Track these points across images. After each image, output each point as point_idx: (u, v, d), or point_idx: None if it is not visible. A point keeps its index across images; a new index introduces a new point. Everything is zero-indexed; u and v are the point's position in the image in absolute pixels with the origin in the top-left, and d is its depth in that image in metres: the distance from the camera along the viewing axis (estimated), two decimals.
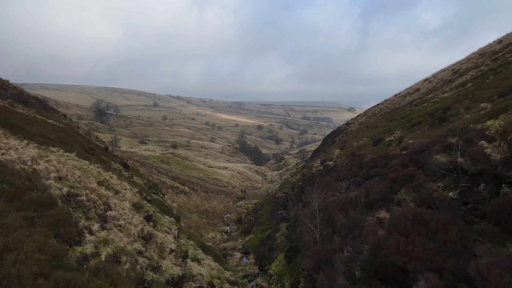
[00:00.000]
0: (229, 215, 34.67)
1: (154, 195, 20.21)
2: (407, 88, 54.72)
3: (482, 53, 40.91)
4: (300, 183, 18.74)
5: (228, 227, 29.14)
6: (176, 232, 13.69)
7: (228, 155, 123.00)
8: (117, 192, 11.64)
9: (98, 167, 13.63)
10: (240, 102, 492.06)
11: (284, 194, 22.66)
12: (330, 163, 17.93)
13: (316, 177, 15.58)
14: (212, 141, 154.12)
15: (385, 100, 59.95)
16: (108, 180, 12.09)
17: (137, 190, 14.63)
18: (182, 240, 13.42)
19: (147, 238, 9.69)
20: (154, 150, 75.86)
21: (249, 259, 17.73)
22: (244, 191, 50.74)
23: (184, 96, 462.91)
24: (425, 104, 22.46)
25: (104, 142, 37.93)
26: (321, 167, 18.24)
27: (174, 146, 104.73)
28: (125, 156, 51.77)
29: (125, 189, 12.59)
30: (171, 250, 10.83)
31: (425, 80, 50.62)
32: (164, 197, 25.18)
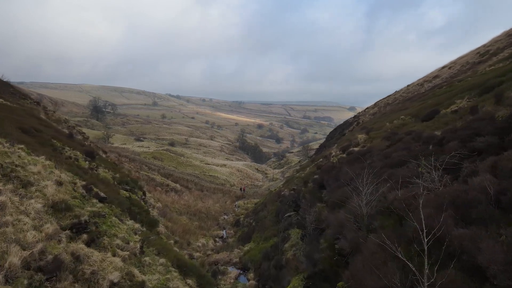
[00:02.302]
0: (225, 217, 30.05)
1: (125, 192, 15.62)
2: (422, 77, 50.25)
3: (511, 34, 36.47)
4: (316, 176, 14.14)
5: (223, 231, 24.52)
6: (138, 245, 9.09)
7: (227, 153, 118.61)
8: (26, 185, 7.03)
9: (19, 148, 9.03)
10: (241, 101, 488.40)
11: (292, 192, 18.05)
12: (356, 148, 13.42)
13: (343, 166, 11.03)
14: (212, 139, 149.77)
15: (396, 92, 55.64)
16: (18, 166, 7.49)
17: (84, 183, 10.03)
18: (146, 259, 8.85)
19: (51, 269, 5.07)
20: (148, 147, 71.25)
21: (248, 278, 13.14)
22: (244, 190, 46.13)
23: (184, 95, 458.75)
24: (469, 79, 17.94)
25: (84, 134, 33.35)
26: (344, 155, 13.69)
27: (172, 144, 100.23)
28: (114, 151, 47.25)
29: (51, 181, 7.99)
30: (112, 284, 6.23)
31: (443, 67, 46.05)
32: (144, 195, 20.59)
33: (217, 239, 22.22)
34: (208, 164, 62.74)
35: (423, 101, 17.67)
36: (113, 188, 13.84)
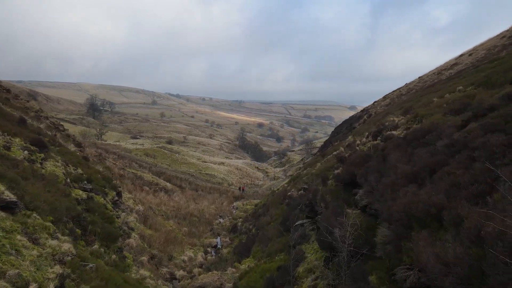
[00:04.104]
0: (221, 220, 26.15)
1: (82, 192, 11.75)
2: (436, 68, 46.37)
3: None
4: (338, 171, 10.27)
5: (217, 239, 20.61)
6: (52, 286, 5.21)
7: (227, 152, 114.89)
8: None
9: None
10: (241, 100, 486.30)
11: (303, 192, 14.17)
12: (396, 132, 9.55)
13: (390, 153, 7.18)
14: (211, 138, 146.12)
15: (407, 84, 51.83)
16: None
17: None
18: None
19: None
20: (142, 144, 67.33)
21: None
22: (243, 189, 42.22)
23: (184, 94, 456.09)
24: None
25: (61, 126, 29.48)
26: (378, 141, 9.81)
27: (170, 142, 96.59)
28: (102, 147, 43.46)
29: None
30: None
31: (461, 55, 42.09)
32: (119, 196, 16.70)
33: (209, 249, 18.31)
34: (205, 162, 58.82)
35: (471, 76, 13.82)
36: (57, 188, 9.96)
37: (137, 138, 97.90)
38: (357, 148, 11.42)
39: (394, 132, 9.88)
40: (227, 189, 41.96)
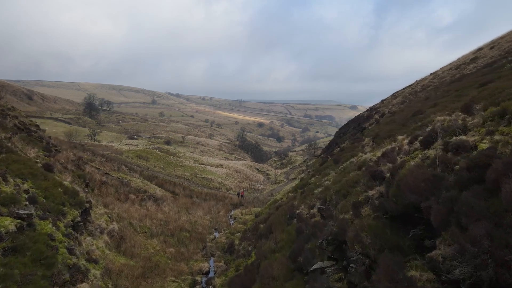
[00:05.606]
0: (216, 235, 22.75)
1: (12, 221, 8.39)
2: (451, 63, 42.98)
3: None
4: (371, 191, 6.93)
5: (210, 262, 17.23)
6: None
7: (226, 152, 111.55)
8: None
9: None
10: (241, 100, 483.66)
11: (318, 213, 10.82)
12: (470, 138, 6.17)
13: (501, 178, 3.96)
14: (210, 138, 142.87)
15: (418, 81, 48.45)
16: None
17: None
18: None
19: None
20: (137, 145, 63.93)
21: None
22: (242, 195, 38.78)
23: (184, 94, 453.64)
24: None
25: (38, 127, 26.26)
26: (438, 151, 6.44)
27: (167, 143, 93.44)
28: (89, 149, 40.17)
29: None
30: None
31: (479, 49, 38.67)
32: (85, 214, 13.37)
33: (198, 277, 14.93)
34: (203, 164, 55.35)
35: None
36: None
37: (134, 139, 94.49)
38: (398, 158, 8.07)
39: (464, 137, 6.54)
40: (225, 195, 38.55)
